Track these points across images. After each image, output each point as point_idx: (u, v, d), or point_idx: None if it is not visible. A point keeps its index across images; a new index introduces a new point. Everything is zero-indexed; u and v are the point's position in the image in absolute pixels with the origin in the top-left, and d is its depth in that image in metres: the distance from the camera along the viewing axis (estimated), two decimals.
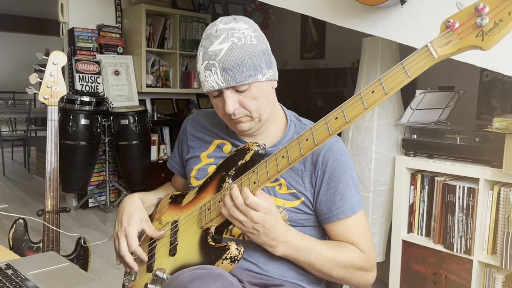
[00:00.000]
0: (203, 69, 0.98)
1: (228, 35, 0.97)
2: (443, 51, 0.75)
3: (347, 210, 1.01)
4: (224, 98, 0.98)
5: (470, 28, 0.72)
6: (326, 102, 4.80)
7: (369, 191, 2.26)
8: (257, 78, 0.98)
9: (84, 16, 3.90)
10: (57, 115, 1.62)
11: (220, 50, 0.96)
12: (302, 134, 0.88)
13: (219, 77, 0.96)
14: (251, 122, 1.02)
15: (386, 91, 0.78)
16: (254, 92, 0.99)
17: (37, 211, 1.70)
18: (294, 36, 5.15)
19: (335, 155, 1.02)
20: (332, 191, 1.01)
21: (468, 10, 0.73)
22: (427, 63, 0.76)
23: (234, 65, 0.95)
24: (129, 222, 1.07)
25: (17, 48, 8.31)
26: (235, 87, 0.97)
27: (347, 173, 1.03)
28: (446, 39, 0.74)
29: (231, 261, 0.91)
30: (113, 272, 2.60)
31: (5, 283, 0.81)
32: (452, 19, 0.74)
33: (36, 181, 4.94)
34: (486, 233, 1.78)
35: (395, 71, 0.78)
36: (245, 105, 0.99)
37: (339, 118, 0.83)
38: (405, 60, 0.77)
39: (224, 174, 1.01)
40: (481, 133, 1.83)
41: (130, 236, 1.05)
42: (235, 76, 0.96)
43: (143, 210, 1.12)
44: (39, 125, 7.16)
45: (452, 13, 0.76)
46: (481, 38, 0.71)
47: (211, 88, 0.98)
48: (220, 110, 1.02)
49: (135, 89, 4.05)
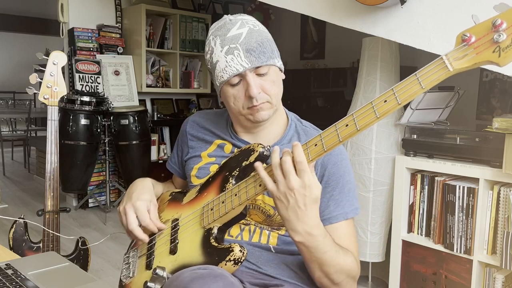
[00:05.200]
0: (224, 54, 0.98)
1: (243, 22, 1.00)
2: (459, 65, 0.74)
3: (339, 215, 1.00)
4: (247, 82, 0.98)
5: (487, 43, 0.72)
6: (326, 102, 4.81)
7: (369, 191, 2.26)
8: (275, 61, 1.01)
9: (84, 16, 3.90)
10: (57, 115, 1.62)
11: (240, 34, 0.98)
12: (311, 140, 0.87)
13: (243, 59, 0.97)
14: (270, 109, 1.02)
15: (399, 101, 0.78)
16: (273, 77, 1.01)
17: (37, 211, 1.70)
18: (294, 36, 5.15)
19: (334, 159, 1.02)
20: (328, 196, 1.01)
21: (485, 25, 0.73)
22: (442, 75, 0.75)
23: (256, 46, 0.97)
24: (139, 197, 1.06)
25: (17, 48, 8.31)
26: (257, 70, 0.98)
27: (345, 178, 1.02)
28: (462, 53, 0.74)
29: (234, 263, 0.91)
30: (113, 272, 2.60)
31: (5, 283, 0.81)
32: (468, 33, 0.74)
33: (36, 181, 4.94)
34: (486, 233, 1.78)
35: (408, 82, 0.78)
36: (266, 90, 1.00)
37: (349, 126, 0.82)
38: (419, 71, 0.77)
39: (228, 175, 1.00)
40: (481, 133, 1.83)
41: (140, 210, 1.03)
42: (259, 57, 0.97)
43: (153, 193, 1.12)
44: (39, 125, 7.16)
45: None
46: (498, 54, 0.71)
47: (235, 72, 0.97)
48: (240, 99, 1.01)
49: (135, 89, 4.05)
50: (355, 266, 0.98)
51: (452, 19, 1.65)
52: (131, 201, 1.06)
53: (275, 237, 1.03)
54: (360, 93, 2.30)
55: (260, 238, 1.03)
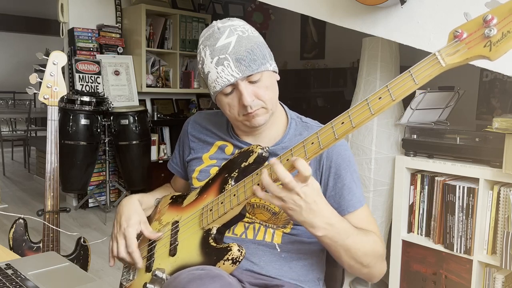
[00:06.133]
0: (214, 65, 0.98)
1: (231, 30, 0.99)
2: (451, 60, 0.76)
3: (356, 203, 1.02)
4: (240, 91, 0.98)
5: (478, 39, 0.74)
6: (326, 102, 4.81)
7: (369, 191, 2.26)
8: (267, 67, 1.01)
9: (84, 16, 3.90)
10: (57, 115, 1.62)
11: (229, 43, 0.97)
12: (308, 138, 0.87)
13: (233, 69, 0.96)
14: (266, 114, 1.02)
15: (393, 97, 0.79)
16: (266, 82, 1.00)
17: (37, 211, 1.70)
18: (294, 36, 5.15)
19: (338, 150, 1.04)
20: (340, 186, 1.02)
21: (476, 21, 0.74)
22: (435, 71, 0.77)
23: (246, 55, 0.97)
24: (128, 223, 1.06)
25: (17, 48, 8.31)
26: (249, 78, 0.98)
27: (352, 168, 1.04)
28: (454, 49, 0.76)
29: (232, 262, 0.91)
30: (113, 272, 2.60)
31: (5, 283, 0.81)
32: (460, 29, 0.75)
33: (36, 181, 4.94)
34: (486, 233, 1.78)
35: (402, 78, 0.79)
36: (260, 96, 0.99)
37: (345, 123, 0.83)
38: (413, 68, 0.78)
39: (227, 176, 1.01)
40: (481, 133, 1.83)
41: (128, 238, 1.04)
42: (249, 65, 0.97)
43: (141, 212, 1.12)
44: (39, 125, 7.16)
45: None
46: (489, 49, 0.73)
47: (226, 83, 0.97)
48: (234, 107, 1.01)
49: (135, 89, 4.05)
50: (379, 244, 0.99)
51: (452, 19, 1.65)
52: (121, 228, 1.07)
53: (280, 235, 1.04)
54: (360, 93, 2.30)
55: (264, 236, 1.03)
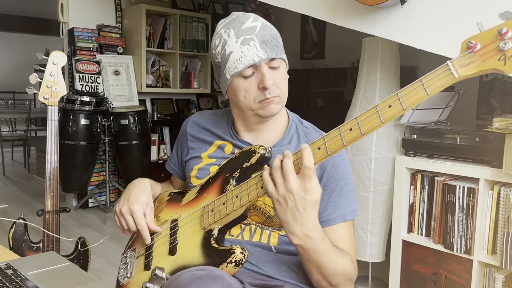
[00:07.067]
0: (240, 45, 0.98)
1: (255, 17, 1.03)
2: (464, 72, 0.75)
3: (337, 217, 1.00)
4: (261, 73, 0.98)
5: (492, 51, 0.73)
6: (326, 102, 4.81)
7: (369, 191, 2.26)
8: (285, 57, 1.04)
9: (84, 16, 3.90)
10: (57, 115, 1.62)
11: (255, 26, 1.00)
12: (314, 143, 0.86)
13: (258, 50, 0.98)
14: (279, 104, 1.03)
15: (404, 106, 0.78)
16: (283, 72, 1.03)
17: (37, 211, 1.70)
18: (294, 36, 5.15)
19: (334, 161, 1.02)
20: (326, 198, 1.01)
21: (490, 32, 0.73)
22: (447, 82, 0.76)
23: (270, 39, 1.00)
24: (136, 200, 1.06)
25: (17, 48, 8.31)
26: (271, 63, 0.99)
27: (344, 181, 1.02)
28: (467, 60, 0.75)
29: (235, 265, 0.90)
30: (113, 272, 2.60)
31: (5, 283, 0.81)
32: (474, 40, 0.74)
33: (36, 181, 4.94)
34: (486, 233, 1.78)
35: (413, 88, 0.78)
36: (278, 84, 1.01)
37: (353, 130, 0.82)
38: (424, 77, 0.77)
39: (228, 176, 0.99)
40: (481, 133, 1.83)
41: (136, 215, 1.04)
42: (274, 49, 0.99)
43: (150, 196, 1.12)
44: (39, 125, 7.16)
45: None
46: (503, 62, 0.72)
47: (251, 62, 0.97)
48: (251, 92, 1.00)
49: (135, 89, 4.05)
50: (352, 269, 0.97)
51: (452, 19, 1.65)
52: (128, 203, 1.06)
53: (276, 237, 1.03)
54: (360, 93, 2.30)
55: (260, 238, 1.03)
